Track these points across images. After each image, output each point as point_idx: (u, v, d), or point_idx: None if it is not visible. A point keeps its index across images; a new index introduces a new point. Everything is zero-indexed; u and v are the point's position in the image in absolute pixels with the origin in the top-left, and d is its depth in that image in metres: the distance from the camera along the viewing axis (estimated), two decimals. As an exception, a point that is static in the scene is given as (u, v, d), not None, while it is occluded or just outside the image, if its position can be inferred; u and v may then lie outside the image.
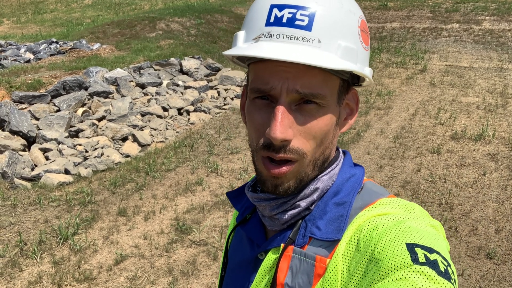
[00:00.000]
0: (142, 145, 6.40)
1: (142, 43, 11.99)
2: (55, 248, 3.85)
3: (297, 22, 0.70)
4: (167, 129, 6.95)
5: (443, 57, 11.01)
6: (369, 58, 0.83)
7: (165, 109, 7.60)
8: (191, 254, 3.79)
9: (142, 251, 3.81)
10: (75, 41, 12.97)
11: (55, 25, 19.31)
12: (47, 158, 5.78)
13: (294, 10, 0.71)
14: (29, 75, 8.65)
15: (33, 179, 5.21)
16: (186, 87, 8.79)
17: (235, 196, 0.98)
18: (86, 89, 8.19)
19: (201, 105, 7.83)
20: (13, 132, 6.11)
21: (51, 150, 5.89)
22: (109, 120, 7.06)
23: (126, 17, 16.92)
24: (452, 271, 0.62)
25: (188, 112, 7.67)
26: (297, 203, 0.80)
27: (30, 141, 6.20)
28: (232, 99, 8.40)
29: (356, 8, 0.77)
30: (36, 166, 5.63)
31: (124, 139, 6.54)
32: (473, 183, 4.91)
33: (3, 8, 24.35)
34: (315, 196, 0.80)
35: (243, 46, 0.75)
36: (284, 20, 0.71)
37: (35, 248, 3.77)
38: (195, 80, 9.39)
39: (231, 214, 4.40)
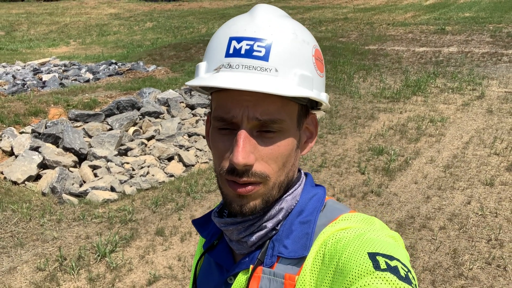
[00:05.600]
0: (187, 165, 6.49)
1: (195, 65, 12.28)
2: (92, 265, 3.94)
3: (255, 53, 0.74)
4: (212, 150, 7.02)
5: (503, 83, 10.50)
6: (325, 84, 0.87)
7: (212, 131, 7.69)
8: (223, 278, 3.75)
9: (175, 273, 3.82)
10: (133, 63, 13.52)
11: (117, 46, 20.26)
12: (95, 175, 5.99)
13: (251, 42, 0.75)
14: (86, 95, 9.07)
15: (80, 195, 5.40)
16: (234, 109, 8.88)
17: (201, 224, 0.99)
18: (138, 109, 8.46)
19: (247, 127, 7.86)
20: (66, 149, 6.38)
21: (100, 167, 6.10)
22: (158, 140, 7.24)
23: (183, 40, 17.47)
24: (413, 277, 0.66)
25: (234, 134, 7.72)
26: (264, 224, 0.83)
27: (81, 158, 6.45)
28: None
29: (310, 38, 0.82)
30: (84, 182, 5.84)
31: (170, 158, 6.67)
32: (528, 219, 4.58)
33: (71, 30, 25.88)
34: (280, 216, 0.83)
35: (204, 76, 0.78)
36: (243, 52, 0.75)
37: (74, 264, 3.88)
38: (244, 102, 9.48)
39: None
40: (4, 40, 23.65)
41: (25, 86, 10.68)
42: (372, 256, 0.67)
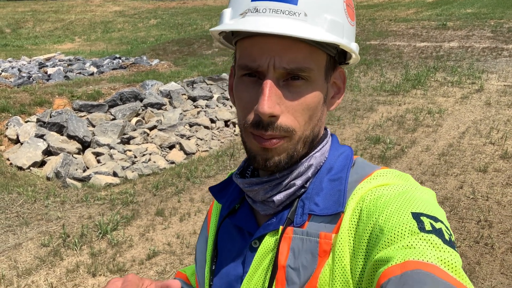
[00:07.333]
0: (188, 153, 6.65)
1: (198, 59, 12.47)
2: (94, 241, 4.10)
3: None
4: (212, 139, 7.18)
5: (502, 77, 10.60)
6: (355, 35, 0.84)
7: (212, 121, 7.85)
8: (219, 254, 3.91)
9: (173, 249, 3.98)
10: (136, 57, 13.69)
11: (121, 43, 20.43)
12: (98, 161, 6.15)
13: None
14: (90, 86, 9.24)
15: (84, 180, 5.57)
16: (235, 101, 9.03)
17: (219, 191, 0.96)
18: (141, 100, 8.62)
19: (248, 118, 8.01)
20: (70, 137, 6.56)
21: (103, 154, 6.27)
22: (160, 129, 7.40)
23: (186, 36, 17.63)
24: (454, 240, 0.64)
25: (234, 124, 7.88)
26: (292, 182, 0.79)
27: (85, 145, 6.62)
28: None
29: None
30: (88, 168, 6.01)
31: (171, 147, 6.83)
32: (517, 202, 4.71)
33: (76, 27, 26.08)
34: (309, 173, 0.80)
35: (230, 22, 0.75)
36: None
37: (76, 240, 4.04)
38: (245, 94, 9.62)
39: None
40: (10, 37, 23.90)
41: (31, 78, 10.87)
42: (416, 216, 0.64)
